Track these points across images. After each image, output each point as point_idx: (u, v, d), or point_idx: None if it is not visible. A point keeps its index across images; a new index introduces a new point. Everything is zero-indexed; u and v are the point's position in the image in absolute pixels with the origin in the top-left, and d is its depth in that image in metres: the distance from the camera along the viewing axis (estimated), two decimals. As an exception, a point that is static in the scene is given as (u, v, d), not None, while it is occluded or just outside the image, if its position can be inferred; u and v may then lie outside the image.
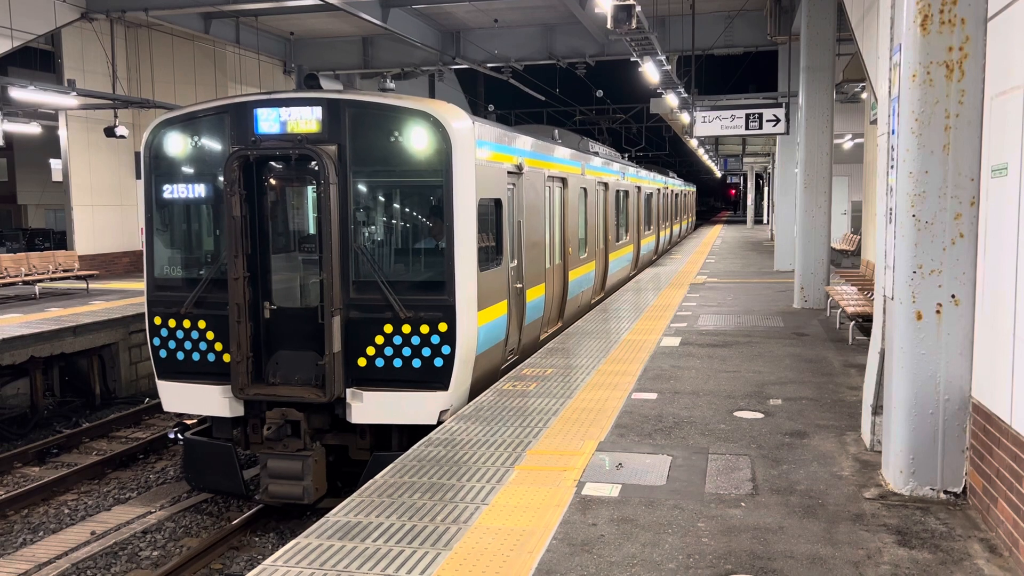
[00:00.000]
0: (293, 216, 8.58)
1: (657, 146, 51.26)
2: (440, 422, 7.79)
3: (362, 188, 8.18)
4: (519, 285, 9.94)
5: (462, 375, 8.05)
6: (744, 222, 60.62)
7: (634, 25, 9.47)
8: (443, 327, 7.85)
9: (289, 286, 8.41)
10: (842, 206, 26.04)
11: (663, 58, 13.61)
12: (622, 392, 8.05)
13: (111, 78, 19.95)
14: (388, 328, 7.95)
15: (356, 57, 23.62)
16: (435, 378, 7.89)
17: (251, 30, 21.79)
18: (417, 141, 7.91)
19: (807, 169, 14.24)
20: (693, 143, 35.74)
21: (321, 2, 15.65)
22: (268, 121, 8.11)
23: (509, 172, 9.54)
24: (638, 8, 9.60)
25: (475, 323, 8.20)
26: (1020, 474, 4.21)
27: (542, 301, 11.22)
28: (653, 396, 7.89)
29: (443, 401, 7.92)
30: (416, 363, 7.93)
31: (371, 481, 5.67)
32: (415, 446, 6.44)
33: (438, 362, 7.90)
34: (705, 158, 47.91)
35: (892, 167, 5.34)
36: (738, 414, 7.24)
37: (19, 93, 14.97)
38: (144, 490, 9.84)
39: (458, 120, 8.09)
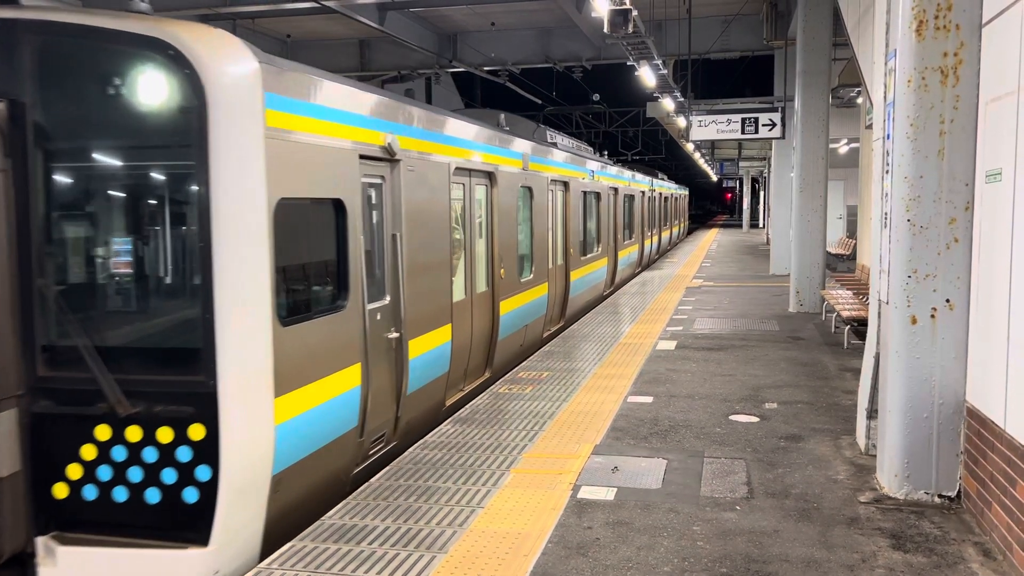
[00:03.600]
0: None
1: (654, 150, 51.31)
2: None
3: (59, 180, 4.80)
4: (394, 335, 6.67)
5: (241, 516, 4.72)
6: (740, 226, 60.72)
7: (631, 29, 9.50)
8: (196, 432, 4.56)
9: None
10: (838, 210, 26.15)
11: (659, 62, 13.64)
12: (618, 395, 8.05)
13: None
14: (102, 433, 4.65)
15: (353, 60, 23.63)
16: (184, 524, 4.61)
17: (248, 32, 21.78)
18: (148, 92, 4.57)
19: (803, 173, 14.29)
20: (689, 147, 35.80)
21: (318, 5, 15.66)
22: None
23: (366, 157, 6.21)
24: (635, 12, 9.63)
25: (266, 421, 4.82)
26: (1014, 478, 4.22)
27: (447, 351, 7.87)
28: (649, 399, 7.90)
29: (203, 565, 4.58)
30: (151, 496, 4.65)
31: (367, 484, 5.66)
32: (411, 448, 6.43)
33: (189, 494, 4.60)
34: (701, 162, 48.02)
35: (887, 172, 5.36)
36: (734, 418, 7.25)
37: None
38: None
39: (224, 56, 4.66)
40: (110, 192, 4.91)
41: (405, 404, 6.90)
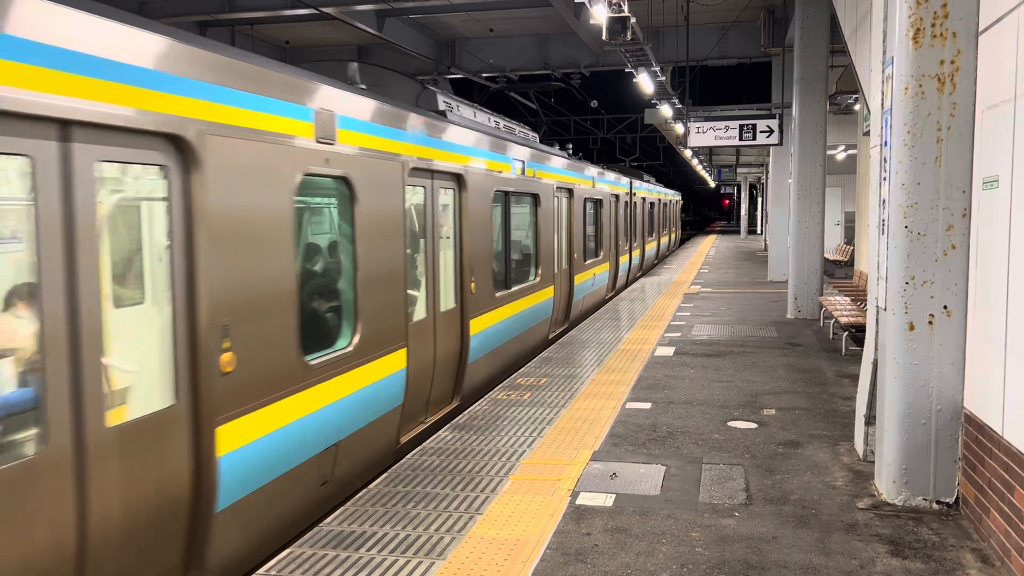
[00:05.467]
0: None
1: (652, 156, 51.42)
2: None
3: None
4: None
5: None
6: (738, 232, 60.81)
7: (629, 37, 9.53)
8: None
9: None
10: (835, 217, 26.18)
11: (657, 69, 13.69)
12: (616, 401, 8.06)
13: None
14: None
15: (351, 66, 23.67)
16: None
17: (247, 39, 21.82)
18: None
19: (800, 180, 14.33)
20: (687, 153, 35.87)
21: (317, 12, 15.69)
22: None
23: None
24: (633, 20, 9.67)
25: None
26: (1012, 484, 4.23)
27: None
28: (647, 406, 7.90)
29: None
30: None
31: (365, 490, 5.66)
32: (410, 455, 6.43)
33: None
34: (699, 168, 48.10)
35: (885, 179, 5.38)
36: (732, 424, 7.25)
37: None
38: None
39: None
40: None
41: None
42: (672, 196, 37.46)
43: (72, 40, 3.67)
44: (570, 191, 13.73)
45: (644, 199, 24.73)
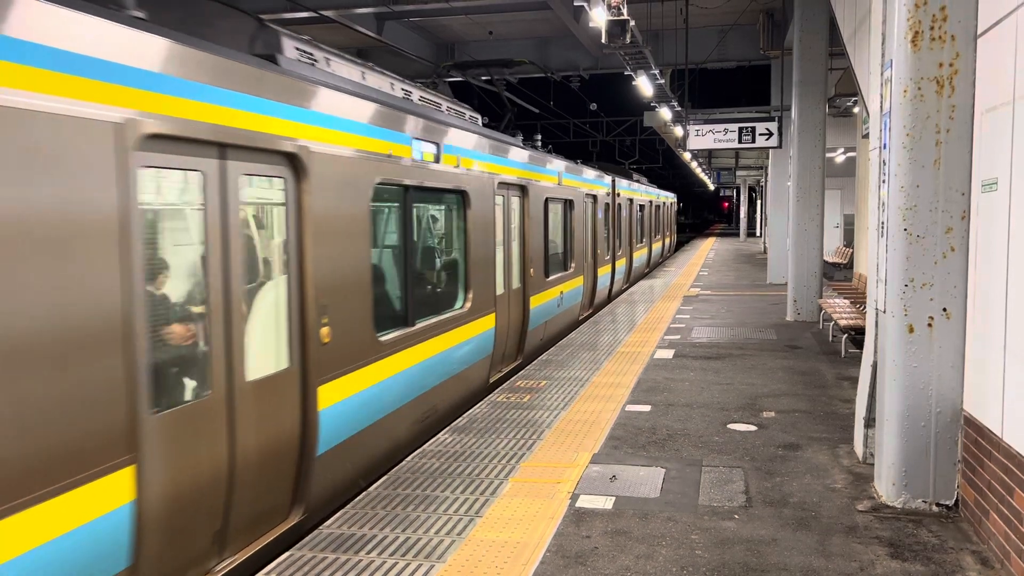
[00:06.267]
0: None
1: (651, 159, 51.47)
2: None
3: None
4: None
5: None
6: (737, 235, 60.83)
7: (628, 40, 9.54)
8: None
9: None
10: (834, 219, 26.19)
11: (657, 72, 13.70)
12: (616, 404, 8.06)
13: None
14: None
15: (351, 69, 23.70)
16: None
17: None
18: None
19: (800, 182, 14.34)
20: (686, 156, 35.90)
21: (316, 15, 15.70)
22: None
23: None
24: (632, 23, 9.68)
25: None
26: (1011, 487, 4.23)
27: None
28: (647, 408, 7.90)
29: None
30: None
31: (365, 493, 5.66)
32: (409, 458, 6.43)
33: None
34: (698, 171, 48.14)
35: (884, 181, 5.39)
36: (731, 426, 7.25)
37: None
38: None
39: None
40: None
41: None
42: (666, 197, 33.50)
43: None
44: (523, 188, 10.86)
45: (631, 200, 21.85)
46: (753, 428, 7.19)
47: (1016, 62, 4.23)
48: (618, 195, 19.11)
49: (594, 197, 16.11)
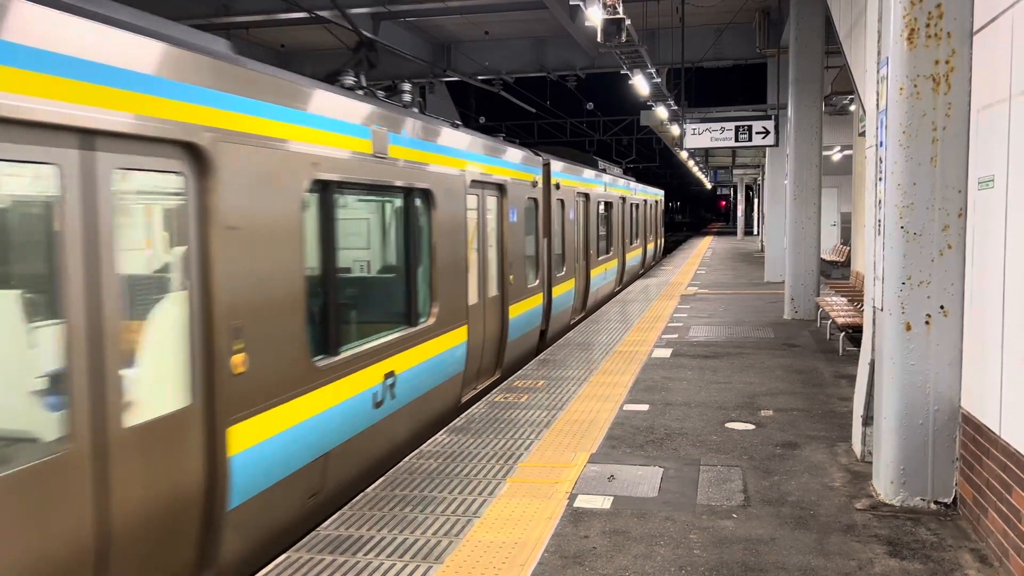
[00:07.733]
0: None
1: (648, 158, 51.50)
2: None
3: None
4: None
5: None
6: (734, 233, 60.86)
7: (624, 39, 9.52)
8: None
9: None
10: (832, 217, 26.20)
11: (653, 71, 13.69)
12: (614, 403, 8.05)
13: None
14: None
15: (347, 70, 23.67)
16: None
17: (242, 43, 21.81)
18: None
19: (796, 181, 14.34)
20: (683, 155, 35.92)
21: (312, 15, 15.69)
22: None
23: None
24: (628, 22, 9.66)
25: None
26: (1010, 484, 4.22)
27: None
28: (645, 407, 7.90)
29: None
30: None
31: (362, 494, 5.65)
32: (407, 458, 6.42)
33: None
34: (695, 170, 48.17)
35: (881, 179, 5.38)
36: (729, 425, 7.24)
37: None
38: None
39: None
40: None
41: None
42: (647, 195, 26.97)
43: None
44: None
45: (587, 196, 15.68)
46: (751, 427, 7.19)
47: (1012, 59, 4.22)
48: (559, 187, 13.32)
49: (502, 188, 10.23)
